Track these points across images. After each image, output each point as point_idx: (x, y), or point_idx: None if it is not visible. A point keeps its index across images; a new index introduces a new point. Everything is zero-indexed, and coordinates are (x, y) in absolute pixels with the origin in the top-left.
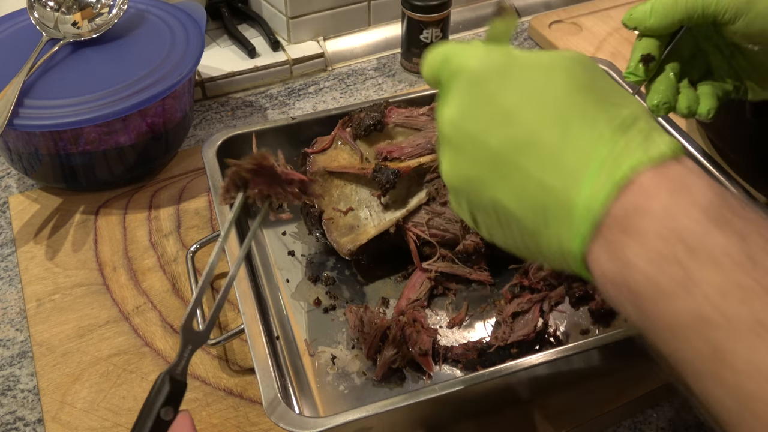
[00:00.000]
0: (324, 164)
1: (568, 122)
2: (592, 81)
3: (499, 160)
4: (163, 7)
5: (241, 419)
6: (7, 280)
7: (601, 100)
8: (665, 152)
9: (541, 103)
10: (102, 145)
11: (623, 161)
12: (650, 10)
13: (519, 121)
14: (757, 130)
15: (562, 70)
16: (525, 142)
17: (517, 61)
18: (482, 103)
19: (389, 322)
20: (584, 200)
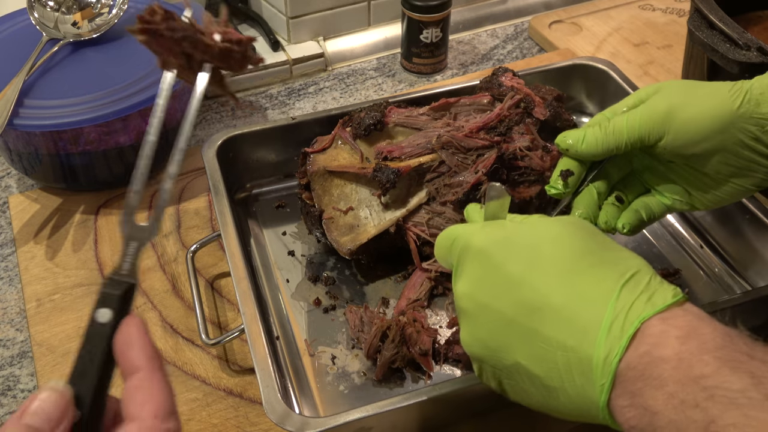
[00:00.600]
0: (324, 163)
1: (574, 283)
2: (589, 242)
3: (514, 325)
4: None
5: (241, 419)
6: (7, 280)
7: (601, 259)
8: (668, 301)
9: (545, 268)
10: (102, 145)
11: (632, 315)
12: (582, 138)
13: (528, 287)
14: None
15: (561, 236)
16: (537, 305)
17: (516, 232)
18: (491, 274)
19: (389, 322)
20: (602, 355)
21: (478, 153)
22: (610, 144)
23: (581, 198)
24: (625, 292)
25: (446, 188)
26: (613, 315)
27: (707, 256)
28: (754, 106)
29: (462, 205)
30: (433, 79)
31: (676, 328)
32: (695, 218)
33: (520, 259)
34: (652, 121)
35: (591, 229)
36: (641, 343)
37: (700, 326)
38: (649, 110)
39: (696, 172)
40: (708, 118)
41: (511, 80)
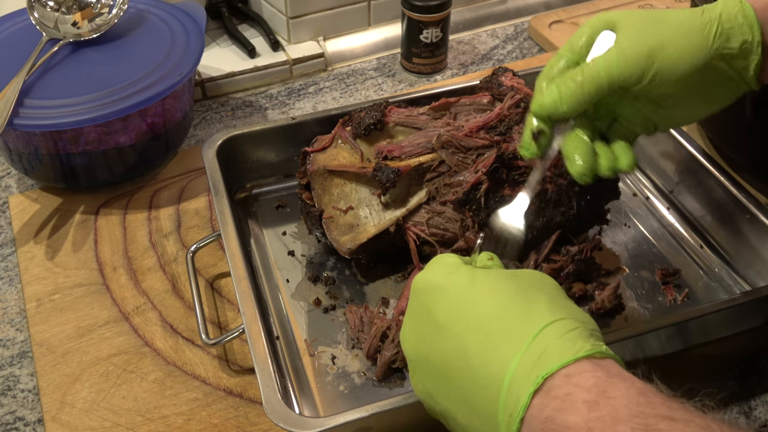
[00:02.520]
0: (324, 163)
1: (487, 338)
2: (526, 296)
3: (440, 373)
4: (163, 7)
5: (241, 419)
6: (7, 280)
7: (525, 313)
8: (579, 353)
9: (467, 315)
10: (102, 145)
11: (535, 370)
12: (560, 99)
13: (448, 335)
14: (757, 130)
15: (492, 288)
16: (454, 358)
17: (454, 278)
18: (422, 319)
19: (389, 322)
20: (506, 410)
21: (478, 152)
22: (590, 96)
23: (574, 148)
24: (536, 343)
25: (446, 188)
26: (517, 370)
27: (707, 256)
28: (725, 41)
29: (462, 204)
30: (433, 79)
31: (583, 390)
32: (695, 218)
33: (447, 306)
34: (633, 65)
35: (537, 282)
36: (545, 406)
37: (611, 387)
38: (625, 53)
39: (660, 105)
40: (687, 57)
41: (511, 80)
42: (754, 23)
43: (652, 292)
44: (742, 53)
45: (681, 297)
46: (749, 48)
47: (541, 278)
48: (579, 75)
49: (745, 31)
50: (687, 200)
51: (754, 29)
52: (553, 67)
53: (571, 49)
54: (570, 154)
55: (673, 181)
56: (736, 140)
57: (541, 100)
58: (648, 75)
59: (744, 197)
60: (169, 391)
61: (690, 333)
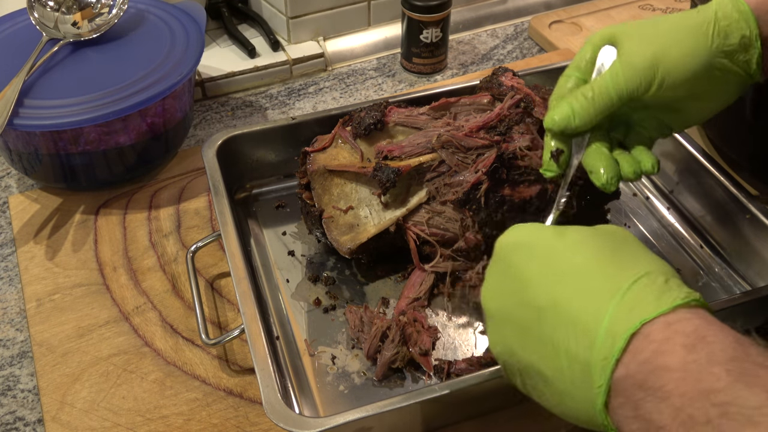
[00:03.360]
0: (324, 163)
1: (581, 282)
2: (609, 245)
3: (526, 326)
4: (163, 7)
5: (241, 419)
6: (7, 280)
7: (615, 260)
8: (677, 302)
9: (556, 270)
10: (102, 145)
11: (634, 315)
12: (572, 114)
13: (537, 288)
14: (757, 130)
15: (580, 239)
16: (544, 306)
17: (539, 235)
18: (508, 275)
19: (389, 322)
20: (600, 355)
21: (478, 152)
22: (600, 109)
23: (596, 160)
24: (632, 291)
25: (446, 187)
26: (614, 315)
27: (707, 256)
28: (723, 38)
29: (462, 204)
30: (433, 79)
31: (682, 335)
32: (695, 218)
33: (535, 261)
34: (639, 75)
35: (619, 236)
36: (642, 349)
37: (709, 333)
38: (630, 64)
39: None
40: (689, 59)
41: (511, 80)
42: (750, 17)
43: None
44: (742, 47)
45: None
46: (748, 42)
47: (623, 233)
48: (589, 91)
49: (742, 26)
50: (687, 200)
51: (751, 23)
52: (562, 87)
53: (577, 67)
54: (593, 167)
55: (673, 181)
56: (736, 140)
57: (553, 118)
58: (655, 83)
59: (744, 197)
60: (169, 391)
61: None
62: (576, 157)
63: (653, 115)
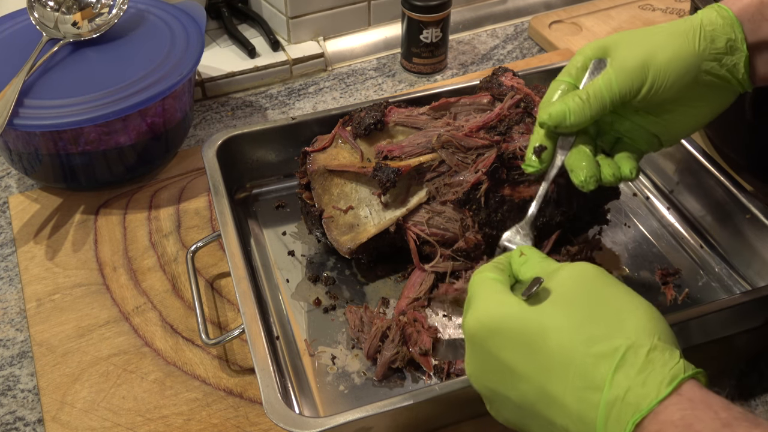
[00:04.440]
0: (324, 163)
1: (567, 370)
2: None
3: (524, 409)
4: (163, 7)
5: (241, 419)
6: (7, 280)
7: (595, 335)
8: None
9: (538, 356)
10: (102, 145)
11: (625, 408)
12: (568, 111)
13: (525, 378)
14: (757, 130)
15: (554, 313)
16: (537, 397)
17: (508, 315)
18: (489, 362)
19: (389, 322)
20: None
21: (478, 152)
22: (595, 110)
23: (578, 159)
24: (618, 376)
25: (446, 188)
26: (607, 408)
27: (707, 256)
28: (710, 42)
29: (462, 204)
30: (433, 79)
31: (671, 426)
32: (695, 218)
33: (513, 349)
34: (630, 78)
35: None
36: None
37: (696, 421)
38: (621, 68)
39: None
40: (678, 62)
41: (511, 80)
42: (734, 21)
43: (652, 292)
44: (728, 51)
45: (681, 297)
46: (734, 45)
47: (590, 280)
48: (584, 93)
49: (727, 31)
50: (687, 200)
51: (736, 27)
52: (554, 92)
53: (569, 75)
54: (573, 166)
55: (673, 181)
56: (736, 140)
57: (550, 114)
58: (646, 84)
59: (744, 197)
60: (169, 391)
61: (690, 333)
62: (560, 157)
63: (642, 126)
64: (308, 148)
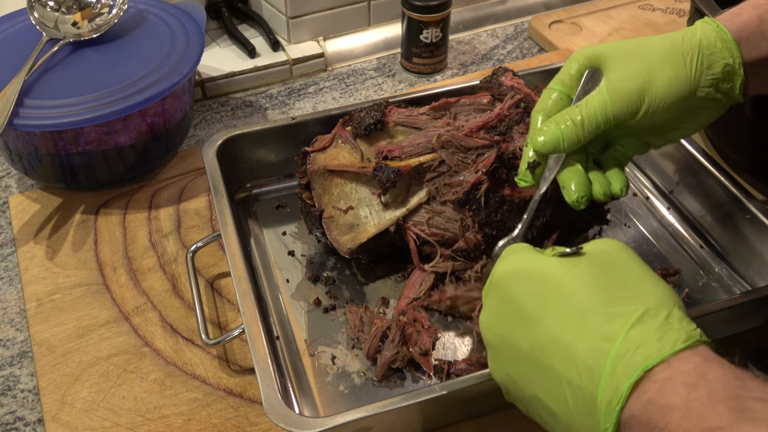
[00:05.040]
0: (324, 163)
1: (584, 321)
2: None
3: (531, 360)
4: (163, 7)
5: (241, 419)
6: (7, 280)
7: (616, 296)
8: (677, 346)
9: (558, 307)
10: (102, 145)
11: (636, 359)
12: (561, 138)
13: (540, 325)
14: (757, 130)
15: (578, 273)
16: (548, 342)
17: (535, 266)
18: (507, 308)
19: (389, 322)
20: (604, 400)
21: (478, 152)
22: (588, 134)
23: (570, 179)
24: (634, 332)
25: (446, 188)
26: (617, 357)
27: (707, 256)
28: (707, 67)
29: (462, 204)
30: (433, 79)
31: (683, 373)
32: (695, 218)
33: (535, 296)
34: (626, 103)
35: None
36: (645, 389)
37: (709, 371)
38: (616, 93)
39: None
40: (674, 90)
41: (511, 80)
42: (733, 46)
43: None
44: (725, 76)
45: (681, 297)
46: (732, 70)
47: (620, 253)
48: (578, 115)
49: (725, 56)
50: (687, 200)
51: (734, 52)
52: (546, 100)
53: (561, 83)
54: (566, 183)
55: (673, 181)
56: (736, 140)
57: (544, 141)
58: (641, 111)
59: (744, 197)
60: (169, 391)
61: None
62: (552, 172)
63: (634, 135)
64: (308, 148)
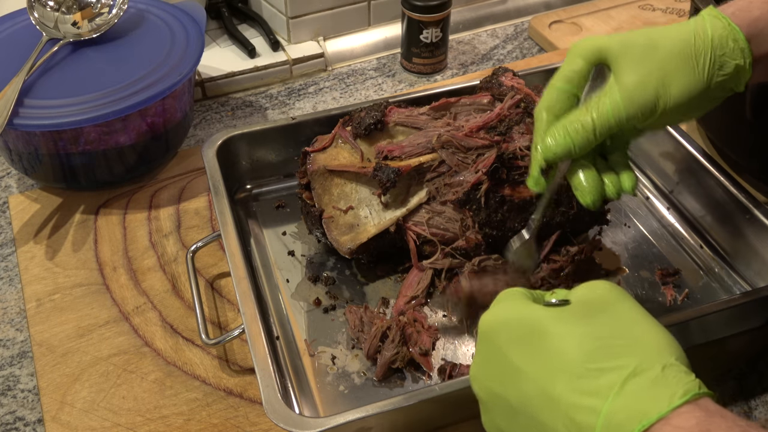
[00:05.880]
0: (324, 163)
1: (573, 376)
2: (604, 325)
3: (520, 415)
4: (163, 7)
5: (241, 419)
6: (7, 280)
7: (607, 349)
8: (675, 401)
9: (546, 360)
10: (102, 145)
11: (631, 416)
12: (573, 145)
13: (528, 377)
14: (757, 130)
15: (568, 320)
16: (537, 397)
17: (524, 314)
18: (495, 358)
19: (389, 322)
20: None
21: (478, 152)
22: (600, 139)
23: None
24: (627, 388)
25: (446, 188)
26: (609, 416)
27: (707, 256)
28: (719, 68)
29: (462, 204)
30: (433, 79)
31: (685, 431)
32: (695, 218)
33: (522, 346)
34: (641, 108)
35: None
36: None
37: (713, 426)
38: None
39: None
40: (687, 92)
41: (511, 80)
42: (745, 47)
43: (652, 292)
44: (733, 77)
45: (681, 297)
46: (742, 71)
47: (611, 298)
48: (589, 120)
49: (737, 56)
50: (687, 200)
51: (746, 53)
52: (550, 99)
53: (567, 80)
54: (579, 185)
55: (673, 181)
56: (736, 140)
57: (555, 150)
58: (656, 114)
59: (744, 197)
60: (169, 391)
61: (690, 333)
62: (562, 172)
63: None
64: (308, 148)
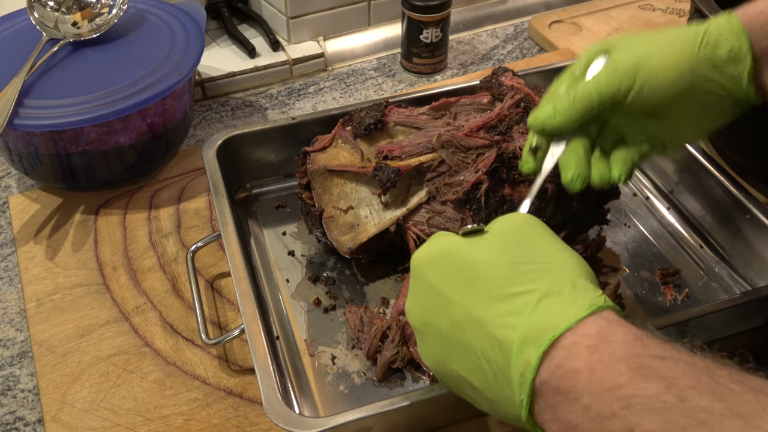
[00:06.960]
0: (324, 162)
1: (496, 298)
2: (521, 251)
3: (451, 340)
4: (163, 7)
5: (241, 419)
6: (7, 280)
7: (526, 272)
8: (581, 313)
9: (472, 287)
10: (102, 145)
11: (544, 328)
12: (554, 112)
13: (457, 306)
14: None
15: (491, 251)
16: (463, 321)
17: (450, 250)
18: (427, 292)
19: (389, 322)
20: (517, 371)
21: (478, 152)
22: (581, 110)
23: (568, 160)
24: (541, 305)
25: (446, 187)
26: (525, 331)
27: (707, 256)
28: (712, 48)
29: (462, 204)
30: (433, 79)
31: (587, 337)
32: (695, 218)
33: (448, 276)
34: (620, 76)
35: (529, 232)
36: (553, 357)
37: (611, 333)
38: (614, 67)
39: (661, 123)
40: (671, 65)
41: (511, 80)
42: (740, 31)
43: (652, 292)
44: (731, 60)
45: (681, 297)
46: (737, 55)
47: (531, 226)
48: (573, 92)
49: (731, 39)
50: (687, 200)
51: (741, 37)
52: (556, 89)
53: (571, 73)
54: (564, 164)
55: (673, 181)
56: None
57: (537, 114)
58: (635, 86)
59: (744, 197)
60: (169, 391)
61: (690, 333)
62: (554, 156)
63: (644, 129)
64: (308, 148)
